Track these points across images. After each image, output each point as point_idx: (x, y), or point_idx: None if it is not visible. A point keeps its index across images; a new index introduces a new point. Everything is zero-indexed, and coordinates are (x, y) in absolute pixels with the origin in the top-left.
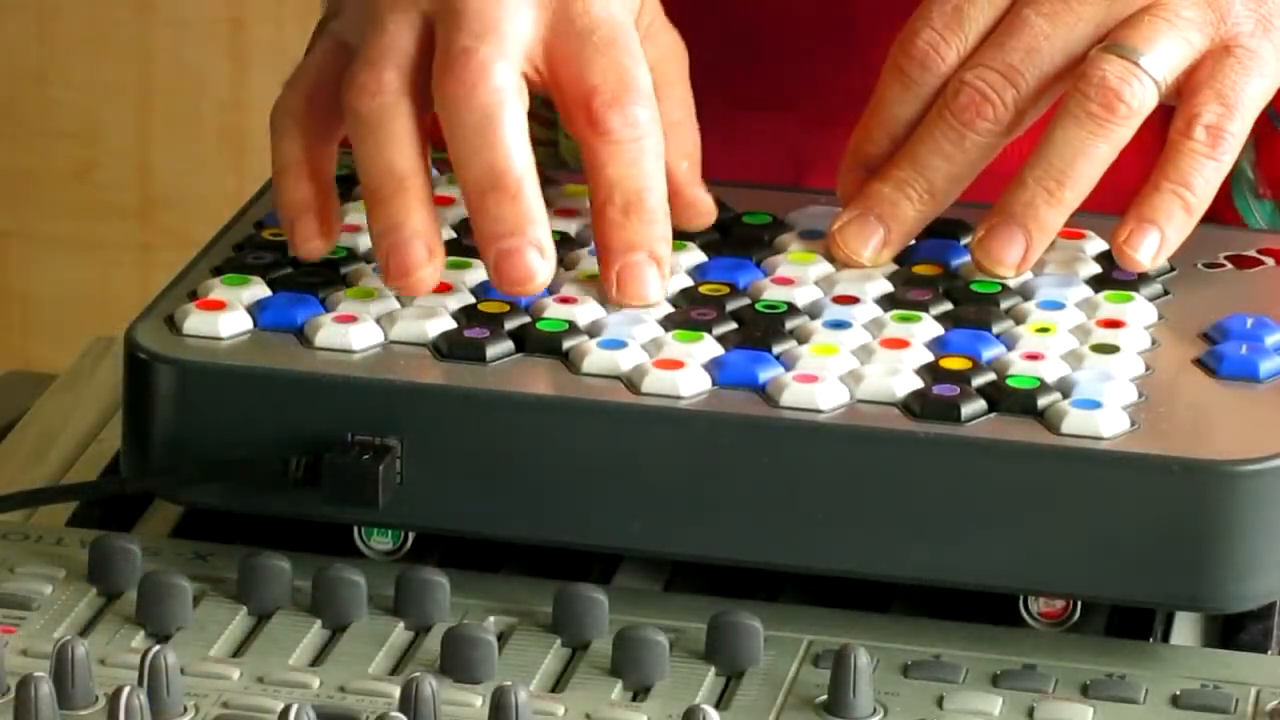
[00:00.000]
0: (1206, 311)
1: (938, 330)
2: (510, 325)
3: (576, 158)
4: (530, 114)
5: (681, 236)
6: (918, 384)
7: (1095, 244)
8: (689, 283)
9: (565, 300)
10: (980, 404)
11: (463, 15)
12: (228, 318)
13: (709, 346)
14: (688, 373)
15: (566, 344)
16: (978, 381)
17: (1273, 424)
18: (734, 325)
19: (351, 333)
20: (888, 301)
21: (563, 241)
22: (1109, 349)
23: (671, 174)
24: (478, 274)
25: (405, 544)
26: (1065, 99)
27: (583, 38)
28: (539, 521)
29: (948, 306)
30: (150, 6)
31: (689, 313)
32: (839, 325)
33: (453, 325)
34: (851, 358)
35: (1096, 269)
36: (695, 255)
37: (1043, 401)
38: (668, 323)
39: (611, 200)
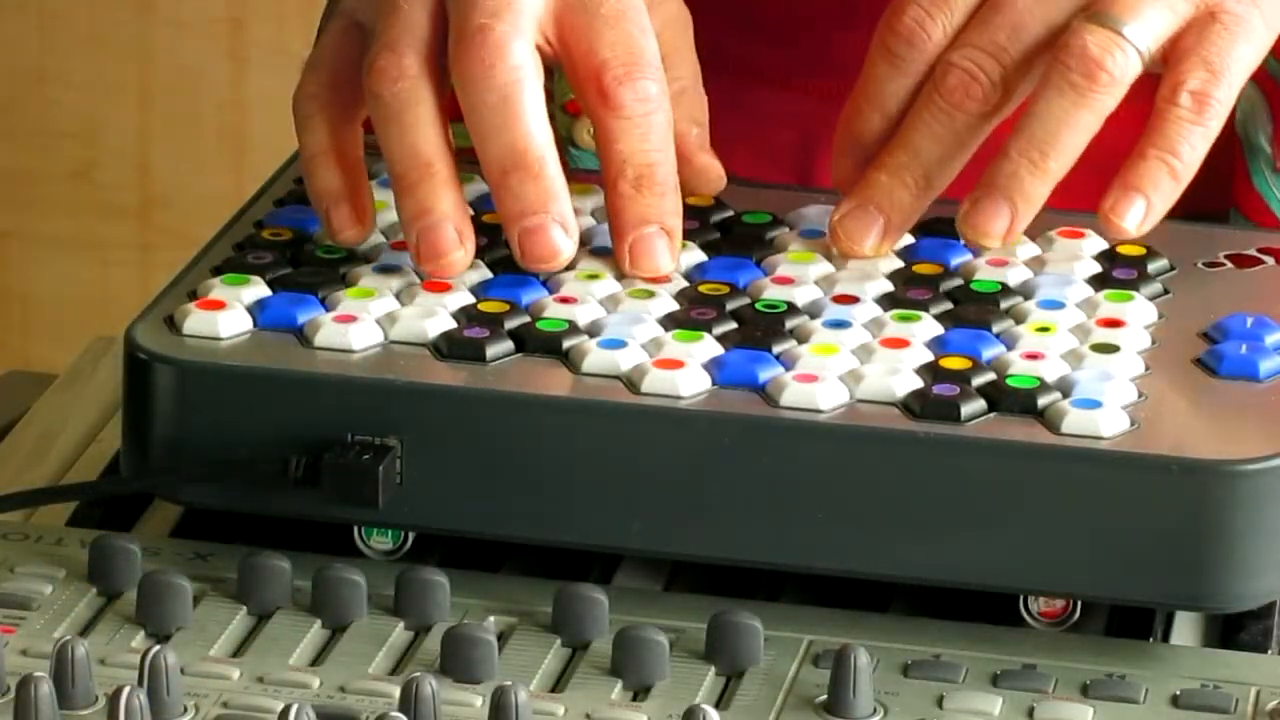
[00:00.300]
0: (1206, 311)
1: (938, 330)
2: (510, 325)
3: (569, 137)
4: None
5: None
6: (918, 384)
7: (1095, 243)
8: (689, 282)
9: (565, 300)
10: (980, 404)
11: None
12: (228, 318)
13: (709, 346)
14: (688, 372)
15: (566, 344)
16: (978, 381)
17: (1273, 424)
18: (734, 325)
19: (351, 333)
20: (888, 301)
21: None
22: (1109, 349)
23: (681, 141)
24: (478, 274)
25: (405, 544)
26: (1047, 70)
27: (592, 10)
28: (539, 521)
29: (948, 306)
30: (150, 6)
31: (689, 312)
32: (839, 325)
33: (453, 325)
34: (851, 357)
35: (1096, 268)
36: (695, 255)
37: (1043, 401)
38: (668, 322)
39: (623, 174)
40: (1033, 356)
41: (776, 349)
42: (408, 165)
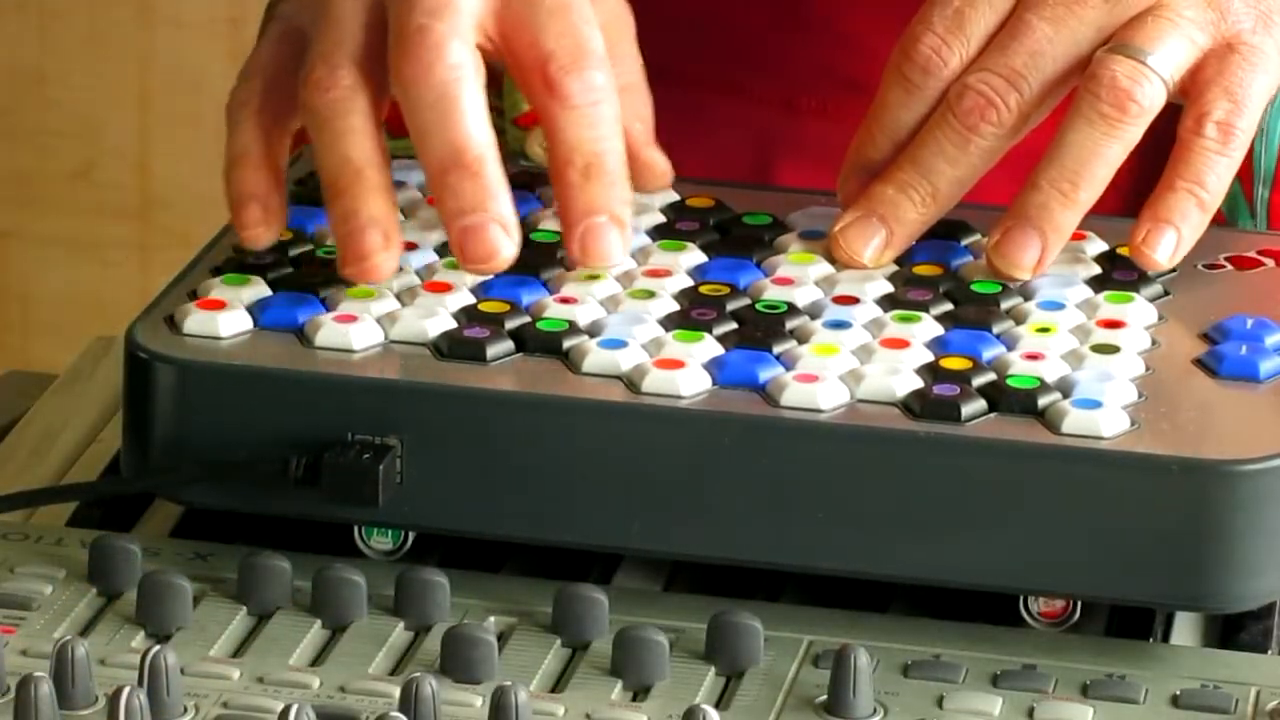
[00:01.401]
0: (1206, 312)
1: (938, 330)
2: (510, 325)
3: (521, 149)
4: None
5: (681, 236)
6: (918, 384)
7: (1095, 244)
8: (689, 283)
9: (565, 300)
10: (980, 404)
11: None
12: (228, 317)
13: (709, 346)
14: (688, 373)
15: (566, 344)
16: (978, 381)
17: (1273, 424)
18: (734, 325)
19: (351, 332)
20: (888, 301)
21: (562, 242)
22: (1109, 349)
23: (626, 137)
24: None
25: (405, 544)
26: (1076, 100)
27: (535, 4)
28: (539, 521)
29: (948, 306)
30: (150, 7)
31: (689, 313)
32: (839, 325)
33: (453, 325)
34: (852, 358)
35: (1096, 269)
36: (695, 255)
37: (1043, 401)
38: (668, 323)
39: (571, 163)
40: (1033, 357)
41: (777, 349)
42: (337, 172)
